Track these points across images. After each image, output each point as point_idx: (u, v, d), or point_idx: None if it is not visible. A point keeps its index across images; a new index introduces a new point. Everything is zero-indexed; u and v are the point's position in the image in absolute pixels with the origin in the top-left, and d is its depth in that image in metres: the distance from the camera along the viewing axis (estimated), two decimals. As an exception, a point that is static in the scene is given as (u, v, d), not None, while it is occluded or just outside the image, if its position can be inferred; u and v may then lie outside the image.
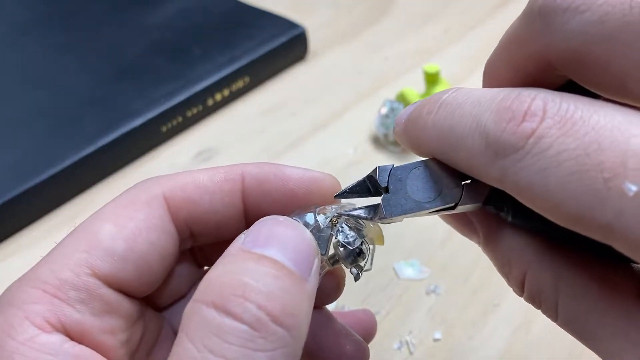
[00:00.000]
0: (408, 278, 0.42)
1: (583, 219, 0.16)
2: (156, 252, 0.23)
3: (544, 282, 0.20)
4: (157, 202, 0.23)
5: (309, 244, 0.21)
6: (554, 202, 0.16)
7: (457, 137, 0.19)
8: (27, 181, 0.46)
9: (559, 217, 0.17)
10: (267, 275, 0.19)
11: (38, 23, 0.64)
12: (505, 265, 0.21)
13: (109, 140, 0.50)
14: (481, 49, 0.64)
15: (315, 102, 0.58)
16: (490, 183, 0.19)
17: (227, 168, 0.25)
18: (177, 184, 0.24)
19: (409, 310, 0.40)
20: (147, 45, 0.60)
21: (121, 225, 0.22)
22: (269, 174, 0.24)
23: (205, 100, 0.56)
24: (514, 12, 0.69)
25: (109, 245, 0.21)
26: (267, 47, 0.59)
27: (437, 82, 0.52)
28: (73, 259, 0.21)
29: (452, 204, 0.21)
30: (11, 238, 0.46)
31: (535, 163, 0.17)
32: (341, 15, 0.70)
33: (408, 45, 0.65)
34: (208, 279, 0.19)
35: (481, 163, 0.18)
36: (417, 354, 0.38)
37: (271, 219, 0.21)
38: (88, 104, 0.53)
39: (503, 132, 0.18)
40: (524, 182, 0.17)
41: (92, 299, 0.21)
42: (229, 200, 0.24)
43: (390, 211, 0.21)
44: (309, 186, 0.24)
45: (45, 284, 0.20)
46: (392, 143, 0.52)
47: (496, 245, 0.21)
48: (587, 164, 0.16)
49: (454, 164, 0.20)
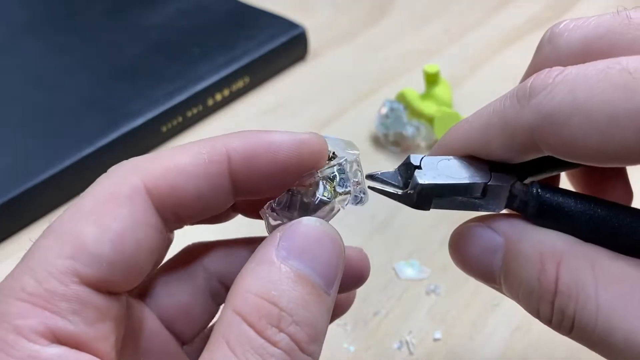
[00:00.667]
0: (408, 278, 0.42)
1: (618, 117, 0.18)
2: (144, 249, 0.22)
3: (580, 269, 0.20)
4: (140, 195, 0.22)
5: (339, 255, 0.22)
6: (586, 112, 0.18)
7: (484, 115, 0.22)
8: (27, 181, 0.46)
9: (596, 127, 0.18)
10: (300, 302, 0.20)
11: (38, 23, 0.64)
12: (537, 262, 0.21)
13: (109, 140, 0.50)
14: (481, 49, 0.64)
15: (315, 102, 0.58)
16: (524, 134, 0.20)
17: (209, 146, 0.23)
18: (158, 171, 0.22)
19: (409, 310, 0.40)
20: (147, 45, 0.60)
21: (106, 226, 0.21)
22: (256, 148, 0.23)
23: (205, 100, 0.56)
24: (514, 12, 0.69)
25: (95, 250, 0.20)
26: (267, 47, 0.59)
27: (437, 82, 0.52)
28: (58, 266, 0.20)
29: (483, 182, 0.22)
30: (11, 238, 0.46)
31: (565, 88, 0.19)
32: (341, 15, 0.70)
33: (408, 45, 0.65)
34: (246, 289, 0.20)
35: (513, 115, 0.20)
36: (417, 354, 0.38)
37: (308, 225, 0.22)
38: (88, 104, 0.53)
39: (530, 82, 0.20)
40: (556, 107, 0.19)
41: (84, 309, 0.20)
42: (215, 183, 0.23)
43: (424, 180, 0.22)
44: (299, 152, 0.23)
45: (32, 296, 0.19)
46: (392, 143, 0.52)
47: (525, 242, 0.21)
48: (613, 68, 0.18)
49: (485, 144, 0.22)
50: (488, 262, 0.22)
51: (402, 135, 0.51)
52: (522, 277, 0.21)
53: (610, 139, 0.18)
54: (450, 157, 0.24)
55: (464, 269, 0.24)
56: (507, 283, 0.22)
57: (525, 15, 0.69)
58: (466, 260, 0.24)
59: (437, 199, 0.23)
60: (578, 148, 0.19)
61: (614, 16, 0.21)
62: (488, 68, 0.62)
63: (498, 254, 0.22)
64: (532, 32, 0.66)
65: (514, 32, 0.66)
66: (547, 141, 0.20)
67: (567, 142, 0.19)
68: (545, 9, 0.69)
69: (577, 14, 0.68)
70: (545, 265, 0.20)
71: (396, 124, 0.51)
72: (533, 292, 0.21)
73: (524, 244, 0.21)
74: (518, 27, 0.67)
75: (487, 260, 0.22)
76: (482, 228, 0.23)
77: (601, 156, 0.19)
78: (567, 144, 0.19)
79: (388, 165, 0.51)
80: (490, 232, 0.22)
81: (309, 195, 0.23)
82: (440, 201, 0.23)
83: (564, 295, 0.20)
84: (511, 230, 0.22)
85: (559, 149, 0.20)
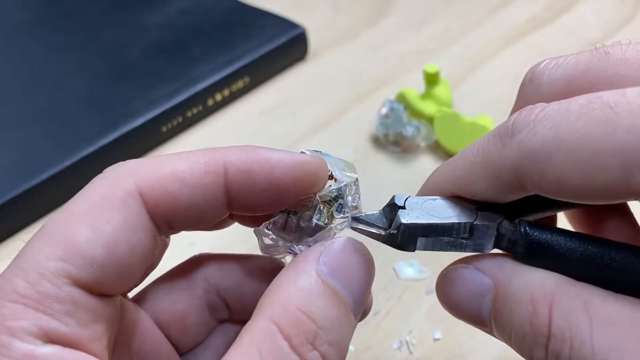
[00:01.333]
0: (408, 278, 0.42)
1: (601, 154, 0.18)
2: (137, 253, 0.21)
3: (573, 310, 0.19)
4: (134, 199, 0.21)
5: (371, 281, 0.23)
6: (569, 149, 0.18)
7: (469, 154, 0.22)
8: (27, 181, 0.46)
9: (579, 165, 0.18)
10: (335, 322, 0.21)
11: (38, 23, 0.64)
12: (528, 304, 0.20)
13: (109, 140, 0.50)
14: (481, 49, 0.64)
15: (315, 102, 0.58)
16: (508, 172, 0.20)
17: (208, 157, 0.23)
18: (153, 176, 0.22)
19: (409, 310, 0.40)
20: (147, 45, 0.60)
21: (99, 229, 0.20)
22: (253, 163, 0.23)
23: (205, 100, 0.56)
24: (514, 12, 0.69)
25: (87, 253, 0.20)
26: (267, 47, 0.59)
27: (437, 82, 0.52)
28: (50, 268, 0.19)
29: (469, 222, 0.22)
30: (11, 238, 0.46)
31: (547, 124, 0.19)
32: (341, 15, 0.70)
33: (408, 45, 0.65)
34: (286, 299, 0.20)
35: (496, 154, 0.20)
36: (417, 354, 0.38)
37: (349, 246, 0.22)
38: (88, 104, 0.53)
39: (512, 120, 0.20)
40: (539, 145, 0.19)
41: (77, 310, 0.20)
42: (210, 194, 0.22)
43: (407, 219, 0.22)
44: (295, 173, 0.23)
45: (25, 297, 0.19)
46: (392, 143, 0.52)
47: (515, 284, 0.21)
48: (594, 102, 0.18)
49: (469, 184, 0.22)
50: (477, 306, 0.22)
51: (402, 135, 0.51)
52: (513, 321, 0.20)
53: (594, 176, 0.18)
54: (436, 197, 0.23)
55: (453, 314, 0.23)
56: (498, 327, 0.21)
57: (525, 15, 0.69)
58: (454, 305, 0.23)
59: (422, 239, 0.22)
60: (563, 185, 0.19)
61: (593, 53, 0.22)
62: (488, 68, 0.62)
63: (487, 298, 0.21)
64: (532, 32, 0.66)
65: (514, 32, 0.66)
66: (532, 179, 0.20)
67: (552, 180, 0.19)
68: (545, 9, 0.69)
69: (577, 14, 0.68)
70: (536, 308, 0.20)
71: (396, 124, 0.51)
72: (525, 337, 0.20)
73: (514, 285, 0.21)
74: (518, 27, 0.67)
75: (475, 304, 0.22)
76: (469, 270, 0.22)
77: (586, 194, 0.19)
78: (552, 181, 0.19)
79: (388, 165, 0.51)
80: (477, 275, 0.22)
81: (306, 219, 0.23)
82: (426, 241, 0.22)
83: (557, 339, 0.19)
84: (500, 271, 0.21)
85: (544, 186, 0.19)
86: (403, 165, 0.51)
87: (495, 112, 0.55)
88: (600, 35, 0.64)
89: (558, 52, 0.67)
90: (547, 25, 0.67)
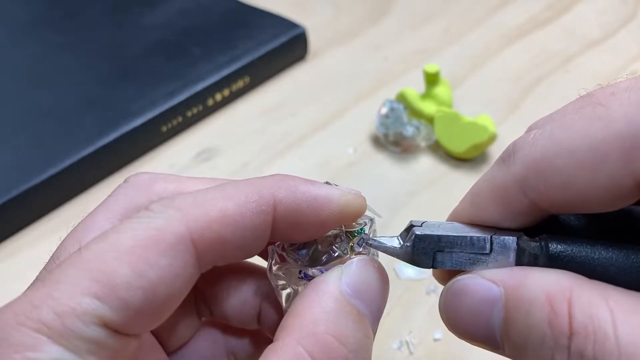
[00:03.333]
0: (408, 278, 0.42)
1: (599, 147, 0.18)
2: (174, 299, 0.21)
3: (593, 304, 0.18)
4: (184, 246, 0.20)
5: (387, 297, 0.23)
6: (568, 151, 0.18)
7: (477, 184, 0.22)
8: (27, 181, 0.46)
9: (580, 164, 0.18)
10: (362, 344, 0.21)
11: (38, 23, 0.64)
12: (545, 304, 0.19)
13: (109, 140, 0.50)
14: (481, 49, 0.64)
15: (315, 102, 0.58)
16: (514, 191, 0.20)
17: (257, 194, 0.22)
18: (205, 219, 0.21)
19: (409, 310, 0.40)
20: (147, 45, 0.60)
21: (141, 272, 0.19)
22: (301, 202, 0.22)
23: (205, 100, 0.56)
24: (514, 12, 0.69)
25: (124, 295, 0.19)
26: (267, 47, 0.59)
27: (437, 82, 0.52)
28: (83, 304, 0.18)
29: (487, 235, 0.21)
30: (11, 238, 0.46)
31: (545, 136, 0.19)
32: (341, 15, 0.70)
33: (408, 45, 0.65)
34: (313, 323, 0.20)
35: (500, 176, 0.21)
36: (417, 354, 0.38)
37: (369, 265, 0.22)
38: (88, 104, 0.53)
39: (513, 143, 0.21)
40: (540, 155, 0.19)
41: (100, 350, 0.19)
42: (258, 234, 0.22)
43: (421, 231, 0.22)
44: (340, 213, 0.23)
45: (50, 329, 0.18)
46: (392, 143, 0.52)
47: (528, 285, 0.19)
48: (586, 105, 0.19)
49: (479, 211, 0.22)
50: (486, 317, 0.20)
51: (402, 135, 0.51)
52: (529, 325, 0.19)
53: (597, 171, 0.18)
54: (453, 222, 0.23)
55: (458, 331, 0.22)
56: (511, 337, 0.20)
57: (525, 15, 0.69)
58: (460, 319, 0.21)
59: (439, 255, 0.22)
60: (569, 190, 0.19)
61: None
62: (488, 68, 0.62)
63: (497, 306, 0.20)
64: (532, 32, 0.66)
65: (514, 32, 0.66)
66: (537, 190, 0.19)
67: (557, 186, 0.19)
68: (545, 9, 0.69)
69: (577, 14, 0.68)
70: (554, 306, 0.18)
71: (396, 124, 0.51)
72: (545, 340, 0.18)
73: (526, 287, 0.19)
74: (518, 27, 0.67)
75: (484, 315, 0.20)
76: (476, 279, 0.21)
77: (594, 196, 0.18)
78: (558, 187, 0.19)
79: (388, 165, 0.51)
80: (485, 283, 0.20)
81: (325, 245, 0.23)
82: (443, 257, 0.22)
83: (580, 336, 0.18)
84: (509, 277, 0.20)
85: (551, 196, 0.19)
86: (403, 165, 0.51)
87: (495, 112, 0.55)
88: (600, 35, 0.64)
89: (558, 52, 0.67)
90: (547, 25, 0.67)
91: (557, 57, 0.62)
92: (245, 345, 0.29)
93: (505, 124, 0.54)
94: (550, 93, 0.58)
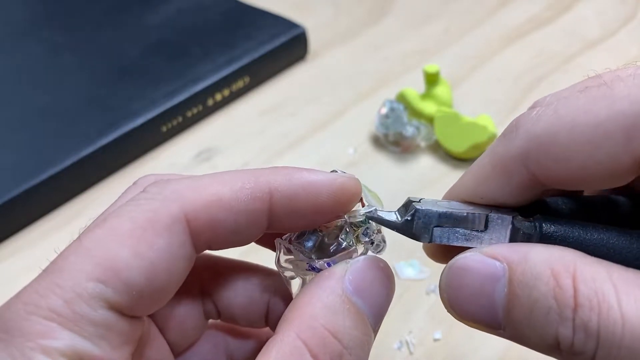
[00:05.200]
0: (408, 278, 0.42)
1: (603, 124, 0.18)
2: (173, 279, 0.21)
3: (597, 277, 0.18)
4: (180, 226, 0.21)
5: (390, 300, 0.23)
6: (571, 126, 0.19)
7: (478, 160, 0.23)
8: (27, 181, 0.46)
9: (583, 138, 0.19)
10: (359, 342, 0.21)
11: (38, 23, 0.64)
12: (550, 278, 0.19)
13: (109, 140, 0.50)
14: (481, 49, 0.64)
15: (315, 102, 0.58)
16: (516, 164, 0.21)
17: (253, 181, 0.22)
18: (200, 201, 0.21)
19: (409, 310, 0.40)
20: (147, 45, 0.60)
21: (141, 254, 0.20)
22: (298, 188, 0.22)
23: (205, 100, 0.56)
24: (514, 12, 0.69)
25: (127, 277, 0.20)
26: (267, 47, 0.59)
27: (437, 82, 0.52)
28: (88, 289, 0.19)
29: (484, 214, 0.22)
30: (11, 238, 0.46)
31: (548, 111, 0.20)
32: (341, 15, 0.70)
33: (408, 45, 0.65)
34: (313, 316, 0.21)
35: (502, 149, 0.21)
36: (417, 354, 0.38)
37: (374, 265, 0.22)
38: (88, 104, 0.53)
39: (516, 118, 0.21)
40: (543, 129, 0.20)
41: (110, 333, 0.20)
42: (253, 220, 0.22)
43: (421, 206, 0.22)
44: (338, 196, 0.23)
45: (61, 316, 0.19)
46: (392, 143, 0.52)
47: (532, 260, 0.19)
48: (591, 84, 0.19)
49: (479, 186, 0.22)
50: (489, 294, 0.20)
51: (402, 135, 0.51)
52: (534, 299, 0.19)
53: (599, 148, 0.19)
54: (450, 200, 0.24)
55: (459, 310, 0.21)
56: (515, 314, 0.20)
57: (525, 15, 0.69)
58: (462, 297, 0.21)
59: (437, 230, 0.22)
60: (570, 165, 0.19)
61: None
62: (488, 68, 0.62)
63: (501, 282, 0.20)
64: (532, 32, 0.66)
65: (514, 32, 0.66)
66: (539, 163, 0.20)
67: (559, 161, 0.19)
68: (545, 9, 0.69)
69: (577, 14, 0.68)
70: (559, 280, 0.19)
71: (396, 124, 0.51)
72: (550, 313, 0.19)
73: (531, 262, 0.19)
74: (518, 27, 0.67)
75: (487, 291, 0.20)
76: (478, 256, 0.21)
77: (593, 171, 0.19)
78: (559, 162, 0.19)
79: (388, 165, 0.51)
80: (488, 259, 0.20)
81: (331, 237, 0.23)
82: (441, 232, 0.22)
83: (585, 308, 0.18)
84: (512, 253, 0.20)
85: (552, 169, 0.20)
86: (403, 165, 0.51)
87: (495, 112, 0.55)
88: (600, 35, 0.64)
89: (558, 52, 0.67)
90: (547, 25, 0.67)
91: (557, 57, 0.62)
92: (246, 349, 0.29)
93: (505, 124, 0.54)
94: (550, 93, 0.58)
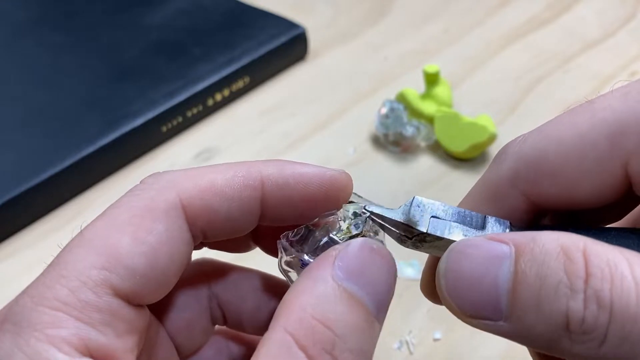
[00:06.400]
0: (408, 278, 0.42)
1: (585, 134, 0.20)
2: (175, 264, 0.22)
3: (609, 252, 0.18)
4: (176, 211, 0.22)
5: (393, 281, 0.21)
6: (557, 140, 0.20)
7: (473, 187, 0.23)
8: (27, 181, 0.46)
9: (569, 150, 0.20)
10: (354, 328, 0.20)
11: (38, 23, 0.64)
12: (560, 254, 0.18)
13: (109, 140, 0.50)
14: (481, 49, 0.64)
15: (315, 102, 0.58)
16: (506, 186, 0.22)
17: (245, 170, 0.23)
18: (195, 189, 0.22)
19: (409, 310, 0.40)
20: (147, 45, 0.60)
21: (141, 239, 0.21)
22: (288, 177, 0.23)
23: (205, 100, 0.56)
24: (514, 12, 0.69)
25: (129, 263, 0.20)
26: (267, 47, 0.59)
27: (437, 82, 0.52)
28: (92, 277, 0.20)
29: (482, 215, 0.22)
30: (11, 238, 0.46)
31: (535, 132, 0.21)
32: (341, 15, 0.70)
33: (408, 45, 0.65)
34: (301, 307, 0.19)
35: (493, 174, 0.22)
36: (417, 354, 0.38)
37: (366, 247, 0.21)
38: (88, 104, 0.53)
39: (505, 145, 0.22)
40: (530, 148, 0.21)
41: (115, 321, 0.20)
42: (247, 207, 0.23)
43: (422, 198, 0.23)
44: (328, 187, 0.23)
45: (66, 305, 0.19)
46: (392, 143, 0.52)
47: (540, 240, 0.19)
48: (576, 106, 0.21)
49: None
50: (492, 275, 0.19)
51: (402, 135, 0.51)
52: (542, 275, 0.18)
53: (585, 157, 0.19)
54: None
55: (458, 297, 0.20)
56: (520, 294, 0.18)
57: (525, 15, 0.69)
58: (462, 280, 0.20)
59: (434, 221, 0.22)
60: (560, 180, 0.20)
61: None
62: (488, 68, 0.62)
63: (506, 262, 0.19)
64: (532, 32, 0.66)
65: (514, 32, 0.66)
66: (528, 182, 0.21)
67: (547, 174, 0.20)
68: (545, 9, 0.69)
69: (577, 14, 0.68)
70: (570, 255, 0.18)
71: (396, 124, 0.51)
72: (559, 287, 0.18)
73: (540, 242, 0.18)
74: (518, 27, 0.67)
75: (491, 273, 0.19)
76: (481, 239, 0.20)
77: (584, 185, 0.19)
78: (548, 177, 0.20)
79: (388, 165, 0.51)
80: (492, 242, 0.19)
81: (322, 232, 0.23)
82: (438, 223, 0.22)
83: (597, 278, 0.17)
84: (520, 235, 0.19)
85: (542, 187, 0.20)
86: (403, 165, 0.51)
87: (495, 112, 0.55)
88: (600, 35, 0.64)
89: (558, 52, 0.67)
90: (547, 25, 0.67)
91: (557, 57, 0.62)
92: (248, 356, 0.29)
93: (505, 124, 0.54)
94: (550, 93, 0.58)
